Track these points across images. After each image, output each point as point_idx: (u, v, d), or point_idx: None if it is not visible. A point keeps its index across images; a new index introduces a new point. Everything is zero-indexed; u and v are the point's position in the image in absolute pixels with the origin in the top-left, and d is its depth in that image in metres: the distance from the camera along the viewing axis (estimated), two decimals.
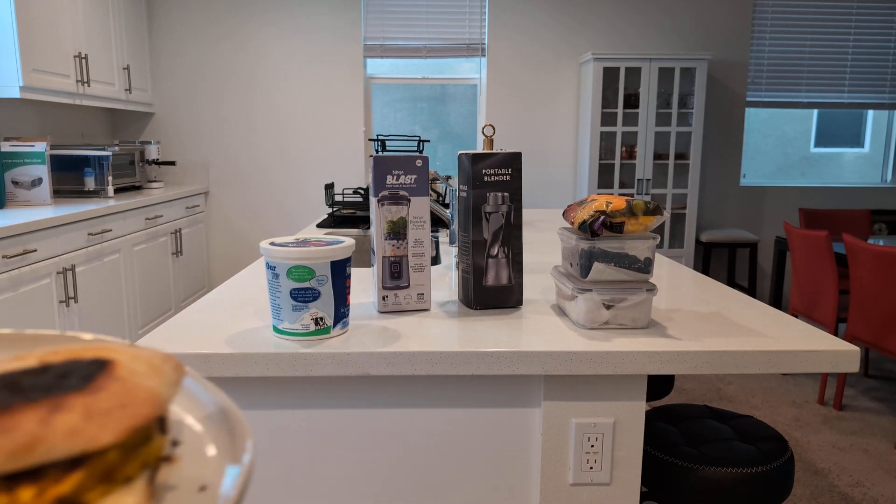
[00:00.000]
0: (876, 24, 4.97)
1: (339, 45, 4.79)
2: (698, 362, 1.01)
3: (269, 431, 1.04)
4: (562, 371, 1.00)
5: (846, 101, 5.07)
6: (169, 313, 4.20)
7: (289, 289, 1.01)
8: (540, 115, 4.94)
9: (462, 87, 8.06)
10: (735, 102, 5.00)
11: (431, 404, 1.04)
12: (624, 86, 4.63)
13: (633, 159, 4.75)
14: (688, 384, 3.58)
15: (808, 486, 2.52)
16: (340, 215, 2.69)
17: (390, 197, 1.17)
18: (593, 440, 1.05)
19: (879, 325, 2.95)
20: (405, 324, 1.13)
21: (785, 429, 3.03)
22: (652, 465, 1.23)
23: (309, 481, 1.06)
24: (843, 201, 5.20)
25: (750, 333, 1.10)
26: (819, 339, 1.07)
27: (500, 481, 1.07)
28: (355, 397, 1.04)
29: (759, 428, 1.33)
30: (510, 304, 1.25)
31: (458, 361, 1.00)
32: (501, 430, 1.06)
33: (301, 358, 0.98)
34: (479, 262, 1.21)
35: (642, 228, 1.09)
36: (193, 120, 4.82)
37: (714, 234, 4.88)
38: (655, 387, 1.67)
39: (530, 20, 4.83)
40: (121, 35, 4.23)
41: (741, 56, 4.94)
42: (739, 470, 1.17)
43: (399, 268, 1.19)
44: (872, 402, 3.36)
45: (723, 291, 1.42)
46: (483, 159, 1.18)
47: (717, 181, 5.10)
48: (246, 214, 4.94)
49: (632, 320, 1.11)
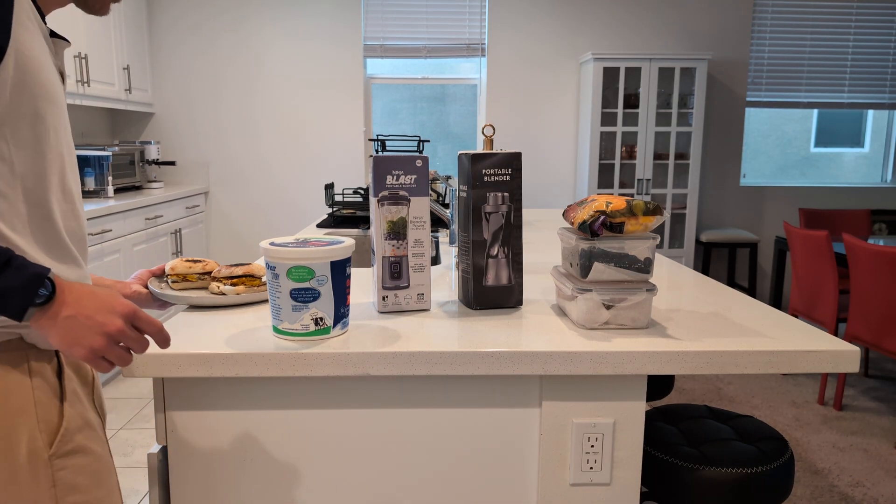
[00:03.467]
0: (876, 24, 4.97)
1: (338, 46, 4.79)
2: (698, 362, 1.01)
3: (269, 431, 1.04)
4: (561, 371, 1.00)
5: (846, 101, 5.07)
6: None
7: (289, 289, 1.01)
8: (540, 115, 4.94)
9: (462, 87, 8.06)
10: (735, 102, 5.00)
11: (431, 404, 1.04)
12: (624, 86, 4.63)
13: (633, 159, 4.75)
14: (688, 384, 3.58)
15: (808, 486, 2.52)
16: (340, 215, 2.69)
17: (390, 197, 1.17)
18: (593, 440, 1.05)
19: (879, 325, 2.95)
20: (405, 324, 1.13)
21: (785, 429, 3.03)
22: (652, 465, 1.23)
23: (309, 481, 1.06)
24: (843, 201, 5.20)
25: (750, 333, 1.10)
26: (819, 339, 1.07)
27: (499, 481, 1.07)
28: (355, 397, 1.04)
29: (759, 428, 1.33)
30: (510, 304, 1.25)
31: (458, 361, 1.00)
32: (501, 430, 1.06)
33: (301, 358, 0.98)
34: (479, 262, 1.21)
35: (642, 228, 1.09)
36: (193, 120, 4.82)
37: (714, 234, 4.88)
38: (655, 387, 1.67)
39: (530, 20, 4.83)
40: (121, 35, 4.23)
41: (741, 56, 4.94)
42: (739, 470, 1.17)
43: (399, 268, 1.19)
44: (872, 402, 3.36)
45: (723, 291, 1.42)
46: (483, 159, 1.18)
47: (717, 181, 5.10)
48: (246, 214, 4.94)
49: (632, 320, 1.11)
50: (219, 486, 1.05)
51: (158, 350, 0.97)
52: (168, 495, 1.05)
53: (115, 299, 0.80)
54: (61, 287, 0.78)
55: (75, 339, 0.77)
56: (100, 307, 0.78)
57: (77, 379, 0.93)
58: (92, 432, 0.91)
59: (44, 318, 0.76)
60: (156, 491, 1.03)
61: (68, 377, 0.90)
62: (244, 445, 1.04)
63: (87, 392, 0.95)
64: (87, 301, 0.78)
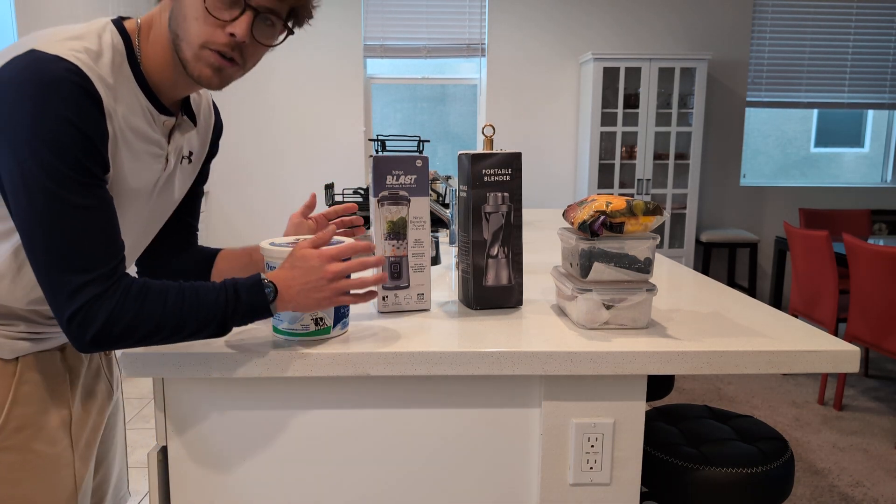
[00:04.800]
0: (876, 24, 4.97)
1: (339, 46, 4.79)
2: (698, 362, 1.01)
3: (269, 431, 1.04)
4: (561, 371, 1.00)
5: (846, 101, 5.07)
6: None
7: None
8: (540, 116, 4.94)
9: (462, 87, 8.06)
10: (735, 102, 5.00)
11: (431, 404, 1.04)
12: (624, 86, 4.63)
13: (633, 159, 4.75)
14: (688, 384, 3.58)
15: (808, 486, 2.52)
16: None
17: (390, 197, 1.17)
18: (593, 440, 1.05)
19: (879, 325, 2.95)
20: (405, 324, 1.13)
21: (785, 429, 3.03)
22: (652, 465, 1.23)
23: (309, 481, 1.06)
24: (843, 201, 5.20)
25: (750, 333, 1.10)
26: (819, 339, 1.07)
27: (499, 481, 1.07)
28: (355, 397, 1.04)
29: (759, 428, 1.33)
30: (510, 304, 1.25)
31: (458, 362, 1.00)
32: (501, 430, 1.06)
33: (301, 358, 0.98)
34: (479, 262, 1.21)
35: (642, 228, 1.09)
36: None
37: (714, 234, 4.88)
38: (655, 387, 1.67)
39: (530, 20, 4.83)
40: None
41: (741, 56, 4.94)
42: (739, 470, 1.17)
43: (399, 268, 1.19)
44: (872, 402, 3.37)
45: (723, 291, 1.42)
46: (483, 159, 1.18)
47: (717, 181, 5.10)
48: (246, 214, 4.94)
49: (632, 320, 1.11)
50: (219, 486, 1.05)
51: (158, 350, 0.97)
52: (168, 495, 1.05)
53: (308, 257, 0.94)
54: (275, 278, 0.93)
55: (315, 301, 0.94)
56: (306, 270, 0.93)
57: (47, 382, 0.98)
58: (39, 432, 0.96)
59: (282, 303, 0.93)
60: (156, 491, 1.03)
61: (29, 381, 0.96)
62: (244, 445, 1.04)
63: (62, 391, 1.00)
64: (297, 274, 0.93)
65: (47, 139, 0.79)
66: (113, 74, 0.88)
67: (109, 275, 0.83)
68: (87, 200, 0.82)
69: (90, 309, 0.80)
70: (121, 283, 0.83)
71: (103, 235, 0.83)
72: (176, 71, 0.94)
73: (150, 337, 0.85)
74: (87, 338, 0.82)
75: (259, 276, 0.92)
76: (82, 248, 0.81)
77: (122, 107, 0.90)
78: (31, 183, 0.79)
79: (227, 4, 0.88)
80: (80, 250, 0.81)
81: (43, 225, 0.80)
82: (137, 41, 0.93)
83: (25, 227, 0.80)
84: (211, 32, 0.89)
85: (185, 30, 0.89)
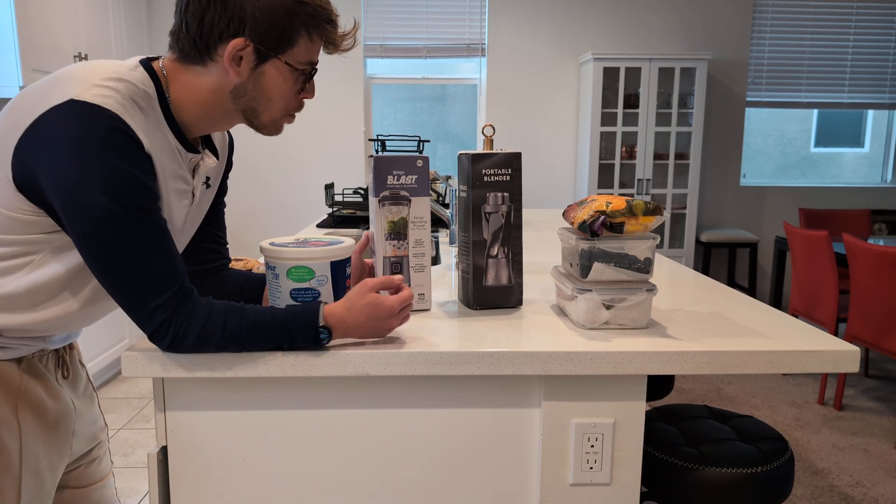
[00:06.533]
0: (876, 24, 4.97)
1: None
2: (698, 362, 1.01)
3: (269, 431, 1.04)
4: (562, 371, 1.00)
5: (846, 101, 5.07)
6: None
7: (289, 289, 1.01)
8: (540, 116, 4.94)
9: (462, 87, 8.06)
10: (735, 102, 5.00)
11: (431, 404, 1.04)
12: (624, 86, 4.63)
13: (633, 159, 4.75)
14: (688, 384, 3.58)
15: (808, 486, 2.52)
16: (340, 215, 2.69)
17: (391, 197, 1.17)
18: (593, 440, 1.05)
19: (879, 325, 2.96)
20: (405, 324, 1.14)
21: (785, 429, 3.03)
22: (652, 465, 1.23)
23: (309, 481, 1.06)
24: (843, 201, 5.20)
25: (750, 333, 1.10)
26: (819, 339, 1.07)
27: (500, 481, 1.07)
28: (355, 397, 1.04)
29: (759, 428, 1.33)
30: (510, 304, 1.25)
31: (458, 362, 1.00)
32: (501, 430, 1.06)
33: (301, 358, 0.98)
34: (479, 262, 1.21)
35: (642, 228, 1.09)
36: None
37: (714, 234, 4.88)
38: (655, 387, 1.67)
39: (530, 20, 4.83)
40: (121, 35, 4.23)
41: (741, 56, 4.94)
42: (739, 470, 1.17)
43: (399, 268, 1.19)
44: (872, 402, 3.37)
45: (723, 291, 1.42)
46: (483, 159, 1.18)
47: (717, 181, 5.10)
48: (245, 214, 4.94)
49: (632, 320, 1.11)
50: (219, 486, 1.05)
51: (158, 350, 0.97)
52: (168, 495, 1.05)
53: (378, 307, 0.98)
54: (335, 319, 0.98)
55: (376, 333, 1.00)
56: (373, 317, 0.98)
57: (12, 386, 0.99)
58: None
59: (339, 335, 0.99)
60: (156, 491, 1.03)
61: None
62: (244, 445, 1.04)
63: (11, 403, 0.99)
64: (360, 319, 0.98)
65: (105, 187, 0.85)
66: (145, 115, 0.92)
67: (175, 296, 0.91)
68: (146, 238, 0.89)
69: (161, 328, 0.92)
70: (185, 306, 0.92)
71: (165, 262, 0.91)
72: (212, 118, 1.00)
73: (216, 352, 0.97)
74: (164, 349, 0.94)
75: (317, 322, 0.96)
76: (149, 281, 0.90)
77: (156, 146, 0.94)
78: (97, 231, 0.87)
79: (306, 76, 1.00)
80: (148, 283, 0.90)
81: (112, 273, 0.89)
82: (166, 82, 0.97)
83: (100, 273, 0.89)
84: (290, 102, 1.01)
85: (268, 107, 1.00)
